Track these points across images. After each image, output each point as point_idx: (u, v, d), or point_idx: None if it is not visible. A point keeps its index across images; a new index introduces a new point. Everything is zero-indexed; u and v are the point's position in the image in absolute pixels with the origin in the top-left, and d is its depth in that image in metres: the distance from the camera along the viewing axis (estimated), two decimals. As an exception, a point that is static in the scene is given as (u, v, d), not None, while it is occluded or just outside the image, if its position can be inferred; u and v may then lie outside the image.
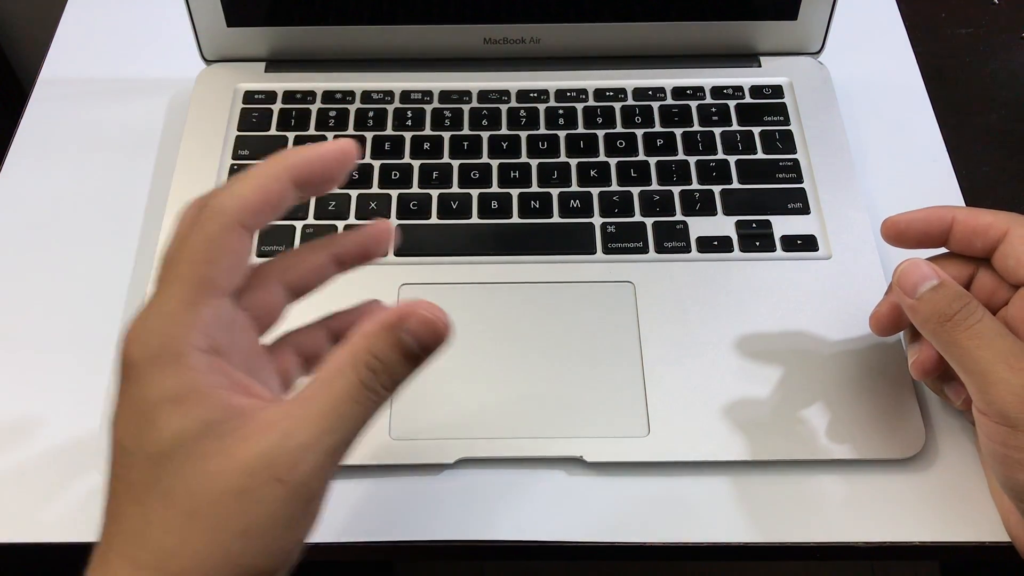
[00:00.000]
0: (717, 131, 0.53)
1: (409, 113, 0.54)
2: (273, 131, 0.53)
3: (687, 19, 0.55)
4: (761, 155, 0.52)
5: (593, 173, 0.51)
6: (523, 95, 0.55)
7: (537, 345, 0.45)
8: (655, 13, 0.54)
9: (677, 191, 0.51)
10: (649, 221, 0.50)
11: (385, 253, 0.34)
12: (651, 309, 0.46)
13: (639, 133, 0.53)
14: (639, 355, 0.45)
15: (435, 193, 0.51)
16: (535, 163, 0.52)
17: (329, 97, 0.55)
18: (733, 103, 0.55)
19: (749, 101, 0.55)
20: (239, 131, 0.53)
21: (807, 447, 0.42)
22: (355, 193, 0.51)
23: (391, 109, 0.54)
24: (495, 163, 0.52)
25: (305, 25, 0.55)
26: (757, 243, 0.49)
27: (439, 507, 0.41)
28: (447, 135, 0.53)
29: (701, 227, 0.49)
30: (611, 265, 0.48)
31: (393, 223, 0.34)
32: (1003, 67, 0.60)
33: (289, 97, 0.55)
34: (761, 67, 0.56)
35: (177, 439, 0.26)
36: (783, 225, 0.49)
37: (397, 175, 0.51)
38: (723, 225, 0.49)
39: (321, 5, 0.54)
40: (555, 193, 0.51)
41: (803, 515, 0.41)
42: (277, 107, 0.54)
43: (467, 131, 0.53)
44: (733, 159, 0.52)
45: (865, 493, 0.41)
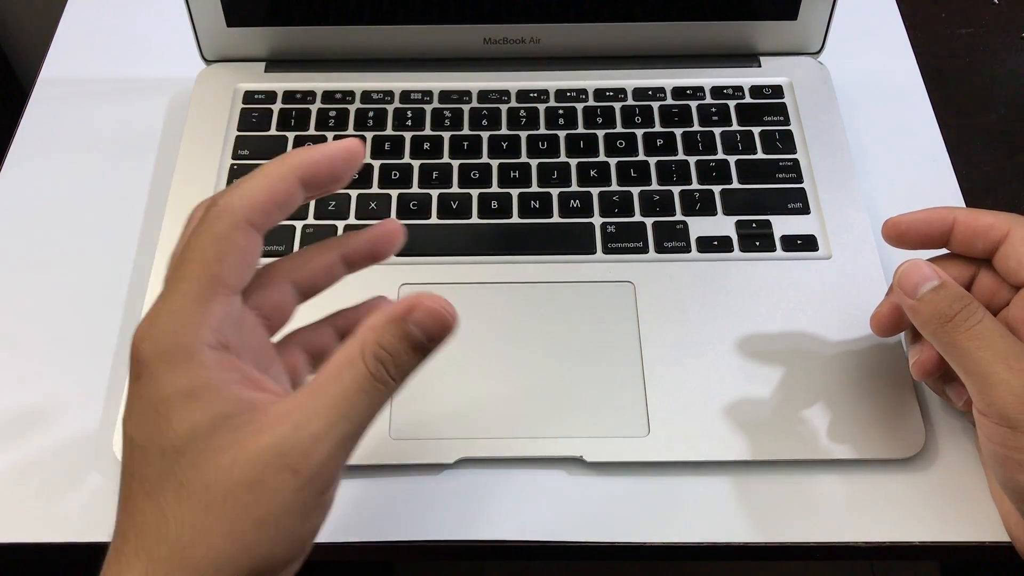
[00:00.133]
0: (717, 131, 0.53)
1: (409, 113, 0.54)
2: (273, 131, 0.53)
3: (687, 19, 0.55)
4: (761, 155, 0.52)
5: (593, 173, 0.51)
6: (523, 95, 0.55)
7: (537, 345, 0.45)
8: (655, 13, 0.54)
9: (677, 191, 0.51)
10: (649, 221, 0.50)
11: (394, 253, 0.34)
12: (651, 309, 0.46)
13: (639, 133, 0.53)
14: (639, 355, 0.45)
15: (435, 193, 0.51)
16: (535, 163, 0.52)
17: (329, 97, 0.55)
18: (733, 103, 0.55)
19: (749, 101, 0.55)
20: (239, 131, 0.53)
21: (807, 447, 0.42)
22: (355, 193, 0.51)
23: (391, 109, 0.54)
24: (495, 163, 0.52)
25: (305, 25, 0.55)
26: (757, 243, 0.49)
27: (439, 507, 0.41)
28: (447, 135, 0.53)
29: (701, 227, 0.49)
30: (611, 265, 0.48)
31: (401, 225, 0.34)
32: (1003, 67, 0.60)
33: (289, 97, 0.55)
34: (761, 67, 0.56)
35: (190, 434, 0.27)
36: (783, 225, 0.49)
37: (397, 175, 0.51)
38: (723, 225, 0.49)
39: (321, 5, 0.54)
40: (555, 193, 0.51)
41: (803, 515, 0.41)
42: (277, 107, 0.54)
43: (467, 131, 0.53)
44: (733, 159, 0.52)
45: (865, 493, 0.41)
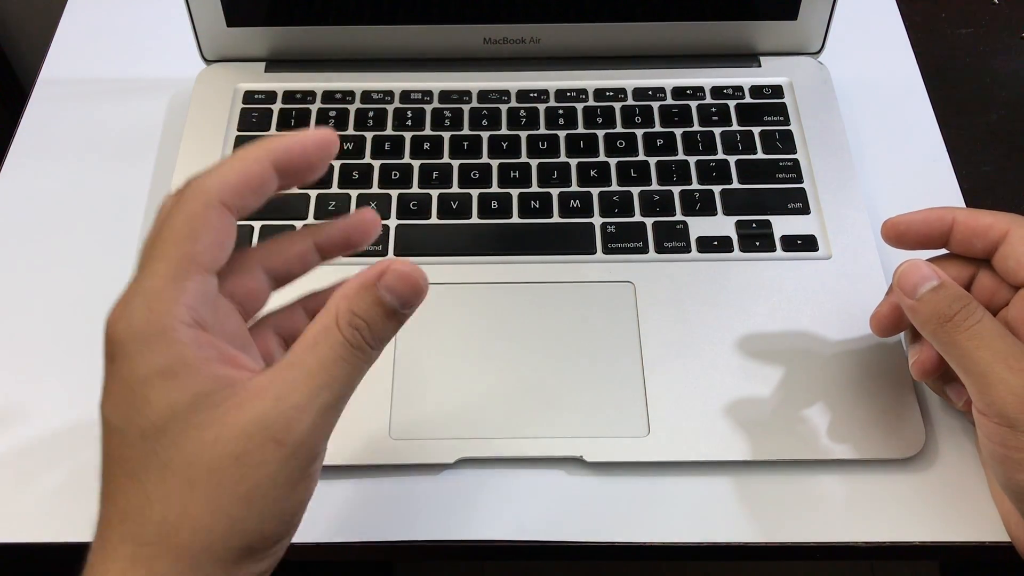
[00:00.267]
0: (717, 131, 0.53)
1: (409, 113, 0.54)
2: (273, 131, 0.53)
3: (687, 19, 0.55)
4: (761, 155, 0.52)
5: (593, 173, 0.51)
6: (523, 95, 0.55)
7: (537, 345, 0.45)
8: (655, 13, 0.54)
9: (677, 191, 0.51)
10: (649, 221, 0.50)
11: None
12: (651, 309, 0.46)
13: (639, 133, 0.53)
14: (639, 355, 0.45)
15: (435, 193, 0.51)
16: (535, 163, 0.52)
17: (329, 97, 0.55)
18: (733, 103, 0.55)
19: (749, 101, 0.55)
20: (239, 131, 0.53)
21: (807, 447, 0.42)
22: (355, 193, 0.51)
23: (391, 109, 0.54)
24: (495, 163, 0.52)
25: (305, 25, 0.55)
26: (757, 243, 0.49)
27: (439, 507, 0.41)
28: (447, 135, 0.53)
29: (701, 227, 0.49)
30: (611, 265, 0.48)
31: (376, 215, 0.33)
32: (1003, 67, 0.60)
33: (289, 97, 0.55)
34: (761, 67, 0.56)
35: (170, 413, 0.27)
36: (783, 225, 0.49)
37: (397, 175, 0.51)
38: (723, 225, 0.49)
39: (321, 5, 0.54)
40: (555, 193, 0.51)
41: (803, 515, 0.41)
42: (277, 107, 0.54)
43: (467, 131, 0.53)
44: (733, 159, 0.52)
45: (865, 493, 0.41)
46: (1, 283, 0.49)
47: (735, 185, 0.51)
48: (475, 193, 0.51)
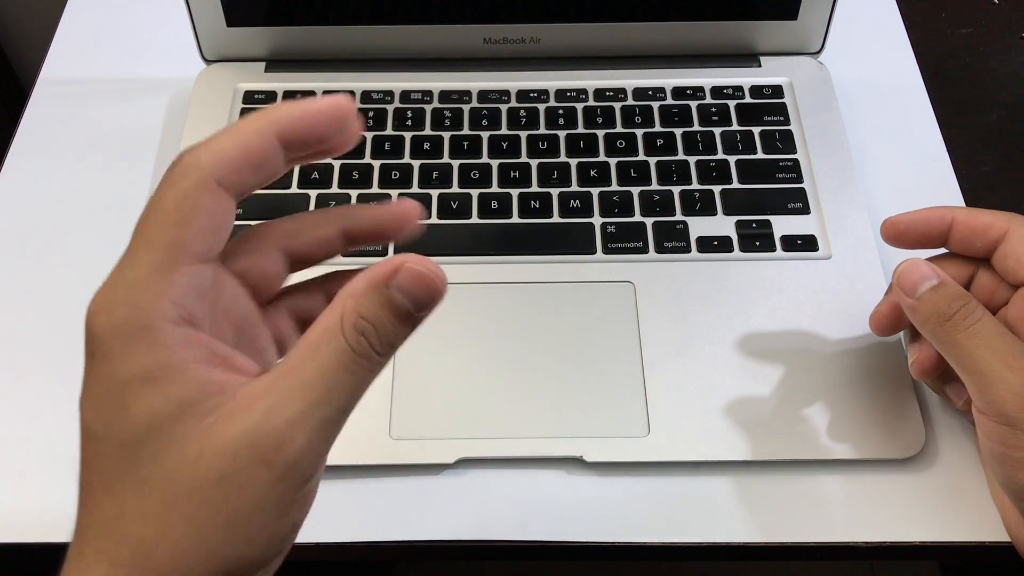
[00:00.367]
0: (717, 131, 0.53)
1: (409, 113, 0.54)
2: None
3: (687, 19, 0.55)
4: (761, 155, 0.52)
5: (593, 173, 0.51)
6: (523, 95, 0.55)
7: (537, 345, 0.45)
8: (655, 13, 0.54)
9: (677, 191, 0.51)
10: (649, 221, 0.50)
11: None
12: (651, 309, 0.46)
13: (639, 133, 0.53)
14: (639, 355, 0.45)
15: (435, 193, 0.51)
16: (535, 163, 0.52)
17: (329, 97, 0.55)
18: (733, 103, 0.55)
19: (749, 101, 0.55)
20: (239, 131, 0.53)
21: (807, 447, 0.42)
22: (355, 193, 0.51)
23: (391, 109, 0.54)
24: (495, 163, 0.52)
25: (305, 25, 0.55)
26: (757, 243, 0.49)
27: (439, 507, 0.41)
28: (447, 135, 0.53)
29: (701, 227, 0.49)
30: (611, 265, 0.48)
31: (417, 207, 0.30)
32: (1003, 67, 0.60)
33: (289, 97, 0.55)
34: (761, 67, 0.56)
35: (150, 422, 0.24)
36: (783, 225, 0.49)
37: (397, 175, 0.51)
38: (723, 225, 0.49)
39: (321, 5, 0.54)
40: (555, 193, 0.51)
41: (803, 515, 0.41)
42: (277, 107, 0.54)
43: (467, 131, 0.53)
44: (733, 159, 0.52)
45: (865, 493, 0.41)
46: (1, 283, 0.49)
47: (735, 185, 0.51)
48: (475, 193, 0.51)
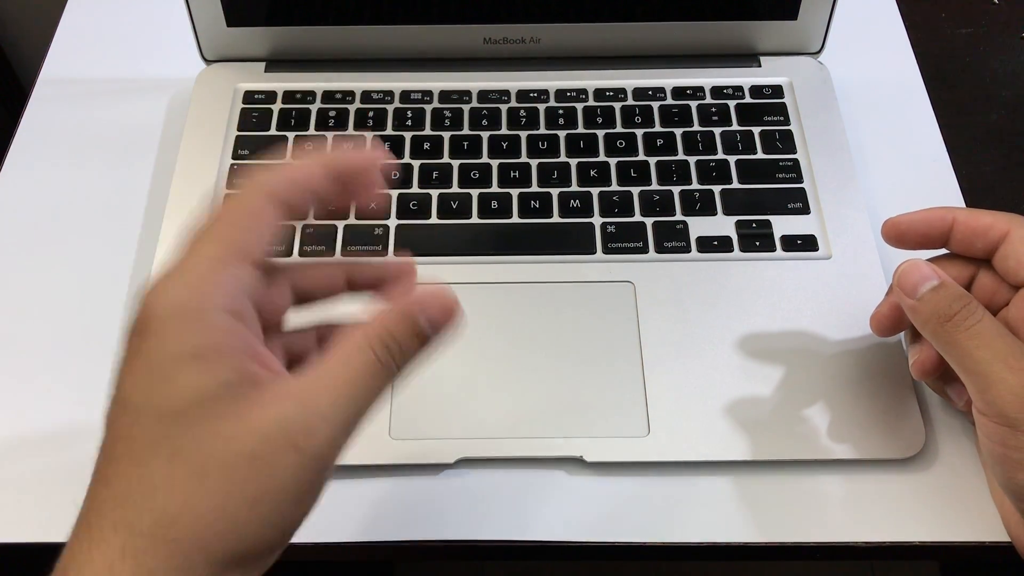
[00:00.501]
0: (717, 131, 0.53)
1: (409, 113, 0.54)
2: (273, 131, 0.53)
3: (687, 19, 0.55)
4: (761, 155, 0.52)
5: (593, 173, 0.51)
6: (523, 95, 0.55)
7: (537, 345, 0.45)
8: (655, 13, 0.54)
9: (677, 191, 0.51)
10: (649, 221, 0.50)
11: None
12: (651, 309, 0.46)
13: (639, 133, 0.53)
14: (639, 355, 0.45)
15: (435, 193, 0.51)
16: (535, 163, 0.52)
17: (329, 97, 0.55)
18: (733, 103, 0.55)
19: (749, 101, 0.55)
20: (239, 131, 0.53)
21: (807, 447, 0.42)
22: (355, 193, 0.51)
23: (391, 109, 0.54)
24: (495, 163, 0.52)
25: (305, 25, 0.55)
26: (757, 243, 0.49)
27: (439, 507, 0.41)
28: (447, 135, 0.53)
29: (701, 227, 0.49)
30: (611, 265, 0.48)
31: (412, 268, 0.34)
32: (1003, 67, 0.60)
33: (289, 97, 0.55)
34: (761, 67, 0.56)
35: (195, 397, 0.26)
36: (783, 225, 0.49)
37: (397, 175, 0.51)
38: (723, 225, 0.49)
39: (321, 5, 0.54)
40: (555, 193, 0.51)
41: (803, 515, 0.41)
42: (277, 107, 0.54)
43: (467, 131, 0.53)
44: (733, 159, 0.52)
45: (865, 493, 0.41)
46: (1, 283, 0.49)
47: (735, 185, 0.51)
48: (475, 193, 0.51)
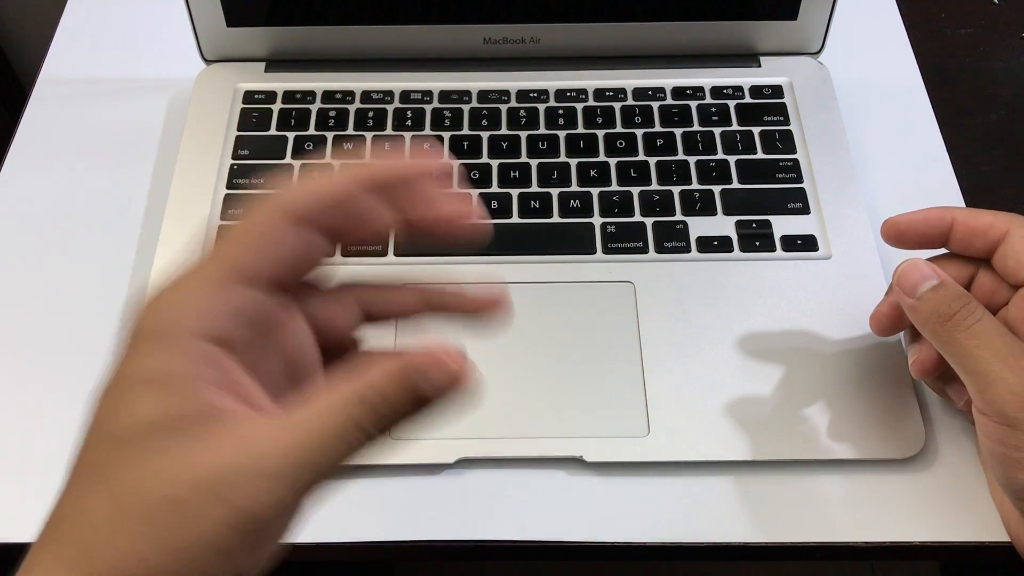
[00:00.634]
0: (717, 131, 0.53)
1: (409, 113, 0.54)
2: (273, 131, 0.53)
3: (687, 19, 0.55)
4: (761, 155, 0.52)
5: (593, 173, 0.51)
6: (523, 95, 0.55)
7: (537, 345, 0.45)
8: (655, 13, 0.54)
9: (677, 191, 0.51)
10: (649, 221, 0.50)
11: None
12: (651, 309, 0.46)
13: (639, 133, 0.53)
14: (639, 355, 0.45)
15: (435, 193, 0.51)
16: (535, 163, 0.52)
17: (329, 97, 0.55)
18: (733, 103, 0.55)
19: (749, 101, 0.55)
20: (239, 131, 0.53)
21: (807, 447, 0.42)
22: (355, 193, 0.51)
23: (391, 109, 0.54)
24: (495, 163, 0.52)
25: (305, 25, 0.55)
26: (757, 243, 0.49)
27: (439, 507, 0.41)
28: (447, 135, 0.53)
29: (701, 227, 0.49)
30: (611, 265, 0.48)
31: (507, 297, 0.31)
32: (1003, 67, 0.60)
33: (289, 97, 0.55)
34: (761, 67, 0.56)
35: (136, 426, 0.24)
36: (783, 225, 0.49)
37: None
38: (723, 225, 0.49)
39: (321, 5, 0.54)
40: (555, 193, 0.51)
41: (803, 515, 0.41)
42: (277, 107, 0.54)
43: (467, 131, 0.53)
44: (733, 159, 0.52)
45: (865, 493, 0.41)
46: (0, 283, 0.49)
47: (735, 185, 0.51)
48: (475, 193, 0.51)
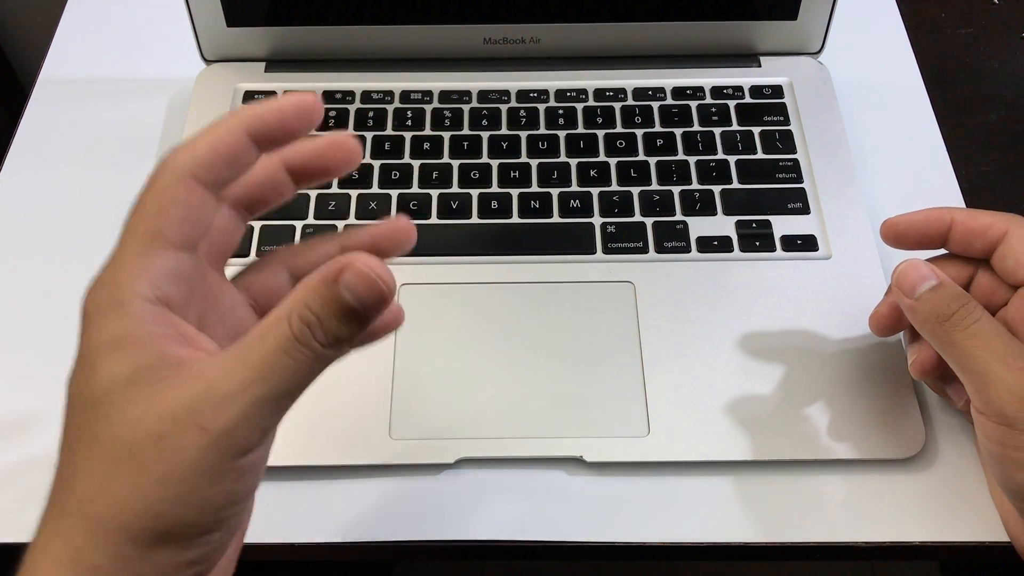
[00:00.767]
0: (717, 131, 0.53)
1: (409, 113, 0.54)
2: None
3: (687, 19, 0.55)
4: (761, 155, 0.52)
5: (593, 173, 0.51)
6: (523, 95, 0.55)
7: (537, 345, 0.45)
8: (655, 13, 0.54)
9: (677, 191, 0.51)
10: (649, 221, 0.50)
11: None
12: (651, 309, 0.46)
13: (639, 133, 0.53)
14: (639, 355, 0.45)
15: (435, 193, 0.51)
16: (535, 163, 0.52)
17: (329, 97, 0.55)
18: (733, 103, 0.55)
19: (749, 101, 0.55)
20: (239, 131, 0.53)
21: (807, 447, 0.42)
22: (355, 193, 0.51)
23: (391, 109, 0.54)
24: (495, 163, 0.52)
25: (305, 25, 0.55)
26: (757, 243, 0.49)
27: (439, 507, 0.41)
28: (447, 135, 0.53)
29: (701, 227, 0.49)
30: (611, 265, 0.48)
31: (411, 223, 0.32)
32: (1003, 67, 0.60)
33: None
34: (761, 67, 0.56)
35: (108, 384, 0.27)
36: (783, 225, 0.49)
37: (397, 175, 0.51)
38: (723, 225, 0.49)
39: (321, 5, 0.54)
40: (555, 193, 0.51)
41: (803, 515, 0.41)
42: (277, 107, 0.54)
43: (467, 131, 0.53)
44: (733, 159, 0.52)
45: (865, 493, 0.42)
46: (0, 283, 0.49)
47: (735, 185, 0.51)
48: (475, 193, 0.51)
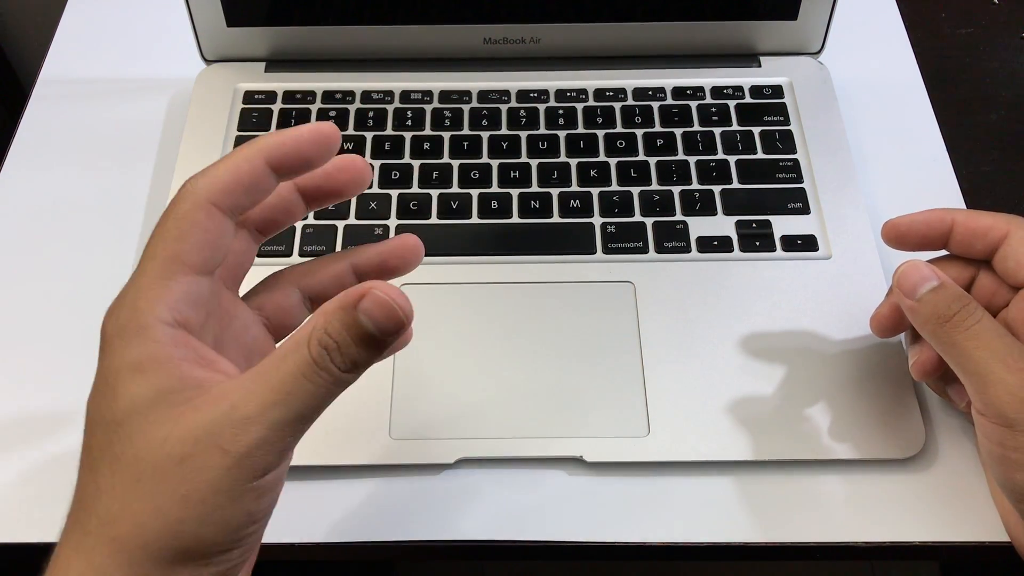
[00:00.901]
0: (717, 131, 0.53)
1: (409, 113, 0.54)
2: (273, 131, 0.53)
3: (687, 19, 0.55)
4: (761, 155, 0.52)
5: (593, 173, 0.51)
6: (523, 95, 0.55)
7: (537, 345, 0.45)
8: (655, 13, 0.54)
9: (677, 191, 0.51)
10: (649, 221, 0.50)
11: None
12: (651, 309, 0.46)
13: (639, 133, 0.53)
14: (639, 355, 0.45)
15: (435, 193, 0.51)
16: (535, 163, 0.52)
17: (329, 97, 0.55)
18: (733, 103, 0.55)
19: (749, 101, 0.55)
20: (239, 131, 0.53)
21: (807, 447, 0.42)
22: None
23: (391, 109, 0.54)
24: (495, 163, 0.52)
25: (305, 25, 0.55)
26: (757, 243, 0.49)
27: (439, 507, 0.41)
28: (447, 135, 0.53)
29: (701, 227, 0.49)
30: (611, 265, 0.48)
31: (419, 241, 0.34)
32: (1003, 67, 0.60)
33: (289, 97, 0.55)
34: (761, 67, 0.56)
35: (131, 406, 0.27)
36: (783, 225, 0.49)
37: (397, 175, 0.51)
38: (723, 225, 0.49)
39: (321, 5, 0.54)
40: (555, 193, 0.51)
41: (803, 515, 0.41)
42: (277, 107, 0.54)
43: (467, 131, 0.53)
44: (733, 159, 0.52)
45: (865, 493, 0.42)
46: (0, 283, 0.49)
47: (735, 185, 0.51)
48: (475, 193, 0.51)
